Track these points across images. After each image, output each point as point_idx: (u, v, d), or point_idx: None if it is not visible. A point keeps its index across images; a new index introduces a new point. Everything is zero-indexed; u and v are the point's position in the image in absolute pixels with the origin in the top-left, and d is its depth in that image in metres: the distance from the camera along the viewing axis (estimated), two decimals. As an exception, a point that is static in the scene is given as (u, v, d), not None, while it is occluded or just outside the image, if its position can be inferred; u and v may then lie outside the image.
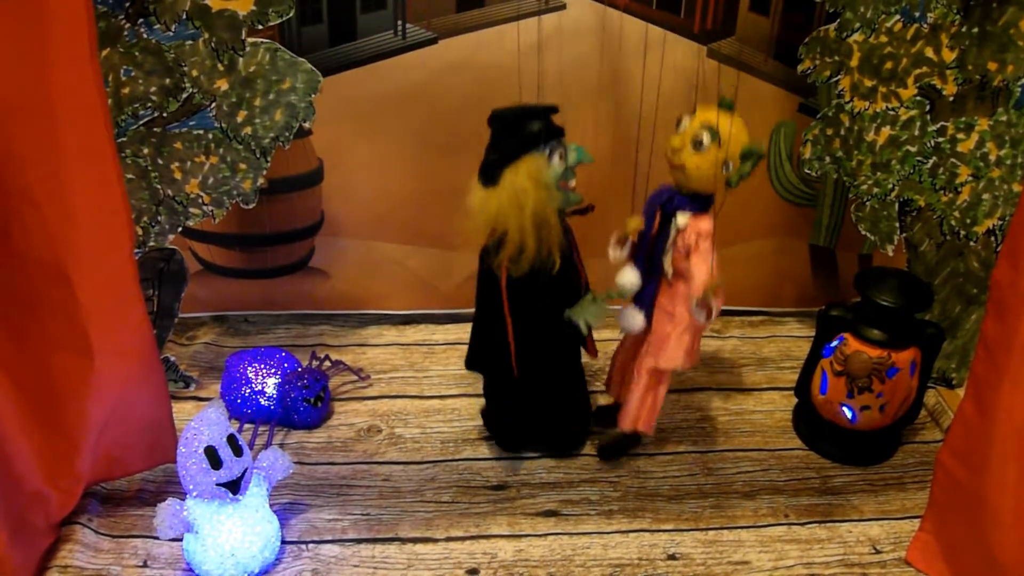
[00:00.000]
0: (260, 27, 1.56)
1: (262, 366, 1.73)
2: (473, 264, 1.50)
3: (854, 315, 1.62)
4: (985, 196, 1.70)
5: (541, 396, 1.60)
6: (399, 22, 1.74)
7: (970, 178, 1.71)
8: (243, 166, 1.67)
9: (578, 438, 1.70)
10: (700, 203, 1.46)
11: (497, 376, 1.61)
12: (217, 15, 1.53)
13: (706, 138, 1.40)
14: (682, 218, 1.46)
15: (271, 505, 1.44)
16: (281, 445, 1.68)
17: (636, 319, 1.53)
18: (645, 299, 1.53)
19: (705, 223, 1.45)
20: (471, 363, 1.62)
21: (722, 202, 1.47)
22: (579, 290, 1.53)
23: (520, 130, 1.39)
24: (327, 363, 1.82)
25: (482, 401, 1.69)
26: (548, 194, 1.40)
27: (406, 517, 1.53)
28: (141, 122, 1.59)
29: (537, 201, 1.38)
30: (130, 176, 1.60)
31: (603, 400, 1.80)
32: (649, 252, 1.51)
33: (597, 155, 1.89)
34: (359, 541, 1.48)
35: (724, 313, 2.13)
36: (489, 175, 1.40)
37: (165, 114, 1.59)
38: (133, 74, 1.54)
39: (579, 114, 1.85)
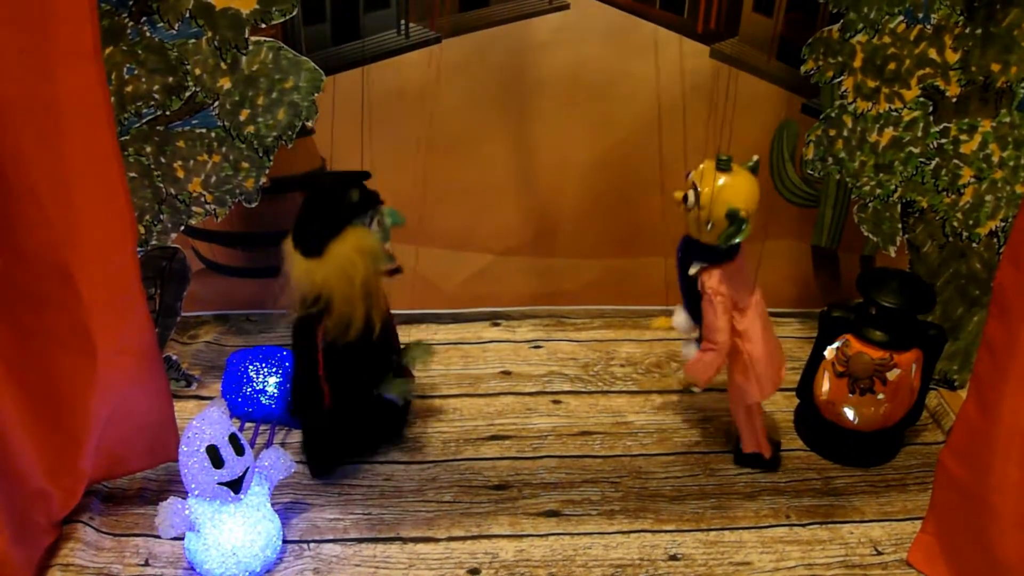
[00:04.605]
0: (263, 25, 1.56)
1: (264, 365, 1.73)
2: (476, 262, 1.50)
3: (856, 316, 1.62)
4: (988, 198, 1.70)
5: (361, 421, 1.60)
6: (402, 21, 1.74)
7: (973, 179, 1.70)
8: (246, 165, 1.67)
9: (399, 428, 1.71)
10: (713, 255, 1.46)
11: (317, 420, 1.58)
12: (220, 13, 1.53)
13: (690, 197, 1.41)
14: (692, 268, 1.49)
15: (272, 504, 1.44)
16: (282, 444, 1.68)
17: (679, 318, 1.58)
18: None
19: (710, 278, 1.47)
20: (296, 411, 1.61)
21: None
22: (393, 351, 1.56)
23: (338, 200, 1.38)
24: (329, 362, 1.82)
25: (476, 403, 1.68)
26: (376, 264, 1.40)
27: (407, 517, 1.53)
28: (144, 120, 1.59)
29: (366, 272, 1.38)
30: (133, 175, 1.60)
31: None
32: (691, 296, 1.54)
33: (597, 157, 1.90)
34: (360, 540, 1.48)
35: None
36: (312, 246, 1.38)
37: (168, 112, 1.59)
38: (136, 72, 1.54)
39: (580, 114, 1.85)
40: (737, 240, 1.41)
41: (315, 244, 1.38)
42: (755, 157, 1.44)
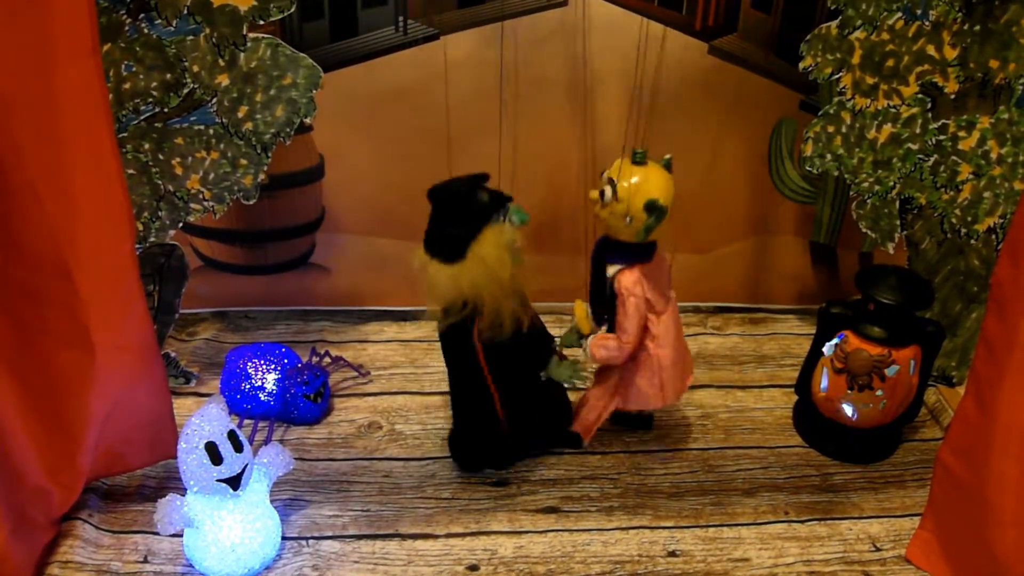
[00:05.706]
0: (261, 22, 1.56)
1: (262, 362, 1.73)
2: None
3: (855, 313, 1.62)
4: (986, 194, 1.70)
5: (528, 421, 1.61)
6: (400, 18, 1.74)
7: (971, 176, 1.71)
8: (244, 162, 1.67)
9: (566, 427, 1.70)
10: (631, 254, 1.47)
11: (485, 433, 1.60)
12: (218, 10, 1.53)
13: (607, 192, 1.42)
14: (610, 269, 1.49)
15: (271, 501, 1.44)
16: (281, 441, 1.68)
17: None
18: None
19: (626, 277, 1.47)
20: (456, 442, 1.63)
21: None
22: (547, 341, 1.56)
23: (471, 202, 1.40)
24: (327, 359, 1.82)
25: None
26: (516, 258, 1.42)
27: (406, 513, 1.53)
28: (142, 117, 1.59)
29: (511, 268, 1.40)
30: (131, 171, 1.60)
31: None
32: (601, 298, 1.54)
33: (596, 154, 1.91)
34: (359, 537, 1.48)
35: (724, 310, 2.14)
36: (454, 251, 1.40)
37: (166, 109, 1.59)
38: (134, 69, 1.54)
39: (579, 110, 1.85)
40: (652, 235, 1.42)
41: (457, 248, 1.39)
42: (667, 156, 1.45)
